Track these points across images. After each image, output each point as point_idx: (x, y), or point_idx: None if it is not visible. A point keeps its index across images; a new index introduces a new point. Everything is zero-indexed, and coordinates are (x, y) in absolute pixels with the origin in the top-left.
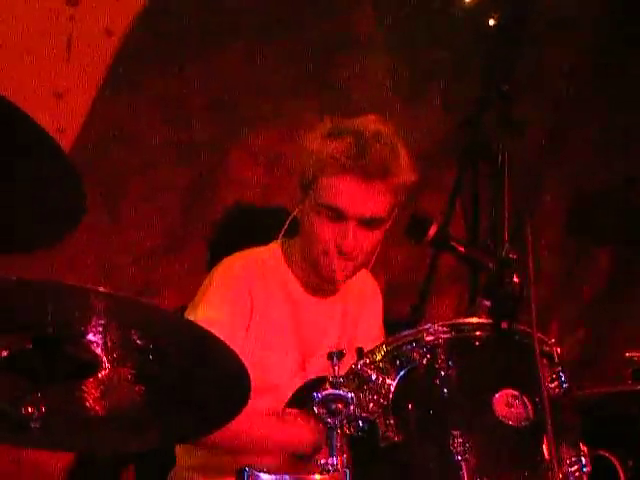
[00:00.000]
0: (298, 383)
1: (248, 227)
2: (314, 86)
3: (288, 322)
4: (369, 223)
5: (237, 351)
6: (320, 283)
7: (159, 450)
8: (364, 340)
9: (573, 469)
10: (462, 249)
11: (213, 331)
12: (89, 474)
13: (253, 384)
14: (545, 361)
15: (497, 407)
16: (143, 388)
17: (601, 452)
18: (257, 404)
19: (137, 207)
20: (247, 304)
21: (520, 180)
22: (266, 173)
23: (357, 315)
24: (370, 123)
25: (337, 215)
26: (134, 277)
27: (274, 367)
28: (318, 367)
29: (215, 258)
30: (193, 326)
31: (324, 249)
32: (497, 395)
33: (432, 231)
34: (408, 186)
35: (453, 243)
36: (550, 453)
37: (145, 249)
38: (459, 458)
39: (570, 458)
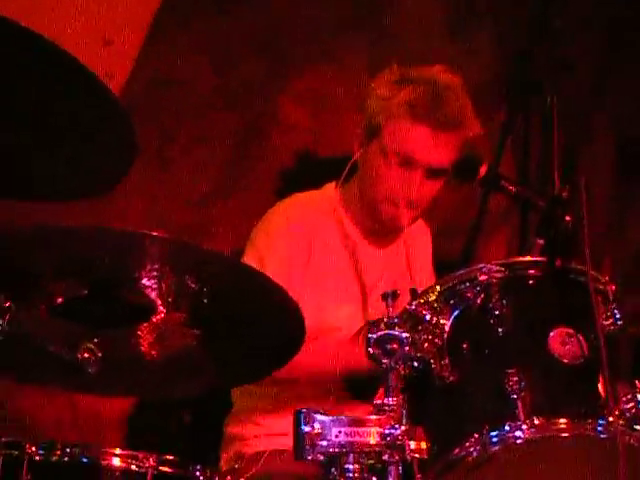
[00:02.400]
0: (358, 326)
1: (298, 170)
2: (361, 26)
3: (346, 266)
4: (435, 172)
5: (294, 294)
6: (379, 228)
7: (216, 394)
8: (418, 281)
9: (629, 406)
10: (512, 188)
11: (269, 274)
12: (144, 420)
13: (312, 327)
14: (600, 298)
15: (552, 345)
16: (198, 332)
17: None
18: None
19: (188, 152)
20: (304, 248)
21: (570, 119)
22: (314, 116)
23: (410, 257)
24: (440, 73)
25: (406, 162)
26: (187, 221)
27: (333, 310)
28: (378, 310)
29: (266, 201)
30: (248, 269)
31: (388, 195)
32: (552, 333)
33: (482, 171)
34: (475, 138)
35: (503, 182)
36: (606, 390)
37: (197, 193)
38: (515, 396)
39: (626, 395)
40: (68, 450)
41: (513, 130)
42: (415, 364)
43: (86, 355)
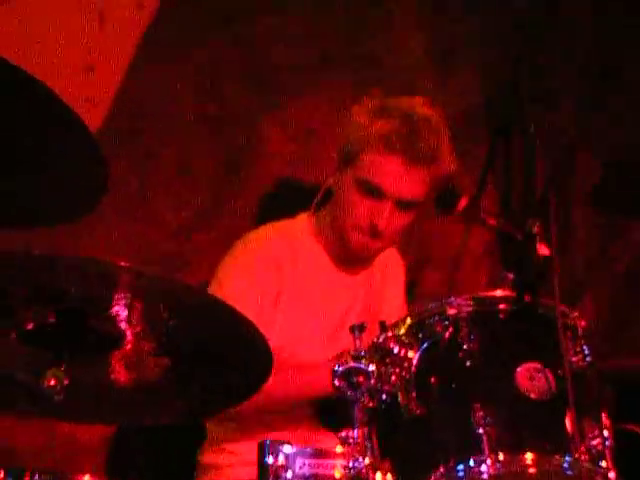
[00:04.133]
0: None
1: (281, 201)
2: (345, 57)
3: (317, 296)
4: (405, 205)
5: (265, 327)
6: (347, 256)
7: (191, 426)
8: (388, 314)
9: (595, 442)
10: (493, 222)
11: (239, 306)
12: (123, 449)
13: (284, 359)
14: (569, 334)
15: (519, 380)
16: (167, 361)
17: (628, 426)
18: None
19: (169, 181)
20: (273, 280)
21: (552, 153)
22: (299, 146)
23: (381, 288)
24: (419, 106)
25: (376, 193)
26: (166, 251)
27: (304, 342)
28: (349, 340)
29: (247, 231)
30: (217, 301)
31: (357, 224)
32: (519, 368)
33: (462, 204)
34: (449, 175)
35: (484, 216)
36: (573, 426)
37: (177, 223)
38: (480, 431)
39: (593, 432)
40: (37, 477)
41: (495, 163)
42: (383, 397)
43: (52, 382)
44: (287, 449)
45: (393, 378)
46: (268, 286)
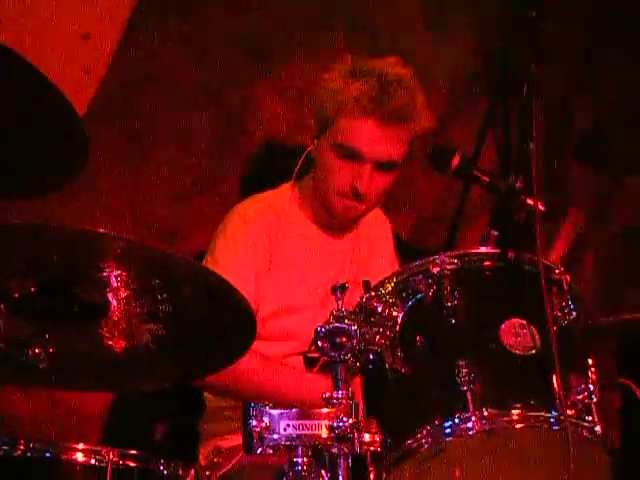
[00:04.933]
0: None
1: (278, 165)
2: (339, 20)
3: (307, 262)
4: (385, 166)
5: (258, 296)
6: (332, 222)
7: (191, 395)
8: (378, 274)
9: (580, 397)
10: (486, 179)
11: (233, 279)
12: (124, 418)
13: (279, 326)
14: (554, 289)
15: (504, 336)
16: (154, 328)
17: (623, 380)
18: (283, 347)
19: (167, 147)
20: (265, 248)
21: (552, 111)
22: (294, 109)
23: (369, 252)
24: (392, 66)
25: (354, 156)
26: (165, 218)
27: (296, 309)
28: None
29: (246, 196)
30: (204, 271)
31: (339, 189)
32: (504, 325)
33: (455, 161)
34: (426, 132)
35: (477, 173)
36: (558, 381)
37: (175, 189)
38: (464, 388)
39: (579, 386)
40: (31, 446)
41: (494, 124)
42: (369, 357)
43: (37, 351)
44: (270, 411)
45: (378, 338)
46: (260, 256)
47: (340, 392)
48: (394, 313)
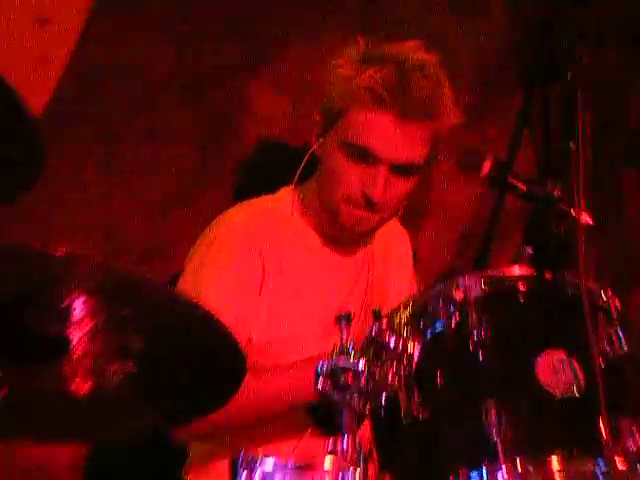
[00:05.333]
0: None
1: (274, 170)
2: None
3: (308, 284)
4: (402, 170)
5: (247, 324)
6: (340, 234)
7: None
8: (395, 298)
9: (632, 444)
10: (523, 187)
11: (215, 302)
12: (102, 470)
13: (273, 360)
14: (600, 317)
15: (540, 373)
16: (124, 366)
17: None
18: None
19: (141, 151)
20: (256, 265)
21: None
22: (292, 105)
23: (384, 272)
24: (413, 51)
25: (366, 157)
26: (140, 235)
27: (295, 338)
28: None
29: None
30: (182, 298)
31: (347, 195)
32: (540, 359)
33: (486, 167)
34: (451, 129)
35: (512, 180)
36: (605, 426)
37: (153, 200)
38: (493, 434)
39: (630, 431)
40: None
41: (530, 119)
42: (381, 399)
43: None
44: (265, 463)
45: (390, 377)
46: (249, 276)
47: (345, 440)
48: (409, 347)
